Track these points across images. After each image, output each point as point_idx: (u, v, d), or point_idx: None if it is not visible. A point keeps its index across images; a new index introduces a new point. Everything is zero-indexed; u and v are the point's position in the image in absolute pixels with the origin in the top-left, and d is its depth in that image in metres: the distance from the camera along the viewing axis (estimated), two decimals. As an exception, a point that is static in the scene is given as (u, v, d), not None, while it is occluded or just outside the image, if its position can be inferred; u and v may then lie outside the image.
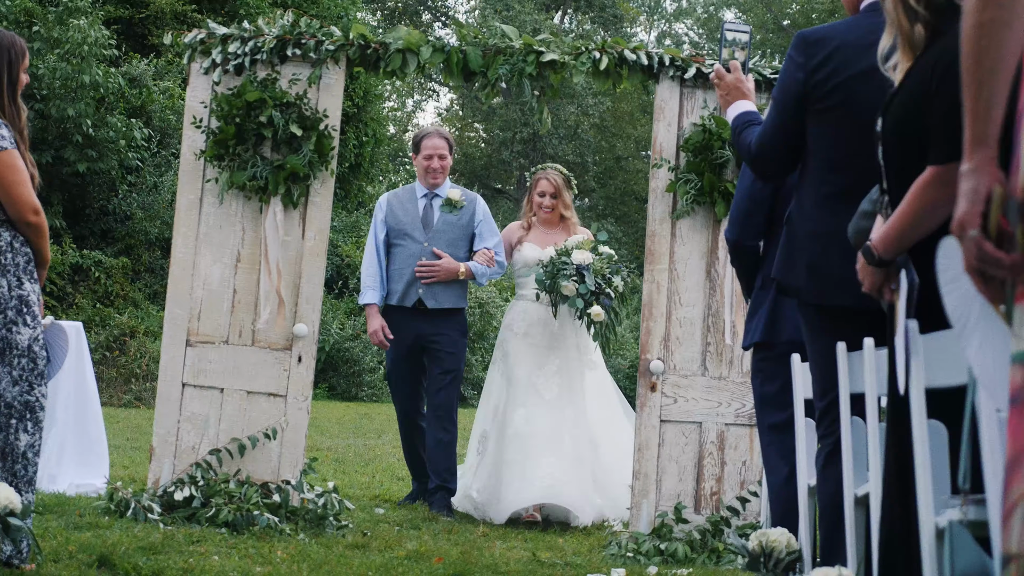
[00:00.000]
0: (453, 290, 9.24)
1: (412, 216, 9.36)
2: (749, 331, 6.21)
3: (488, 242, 9.40)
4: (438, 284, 9.18)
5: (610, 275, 9.01)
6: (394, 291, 9.30)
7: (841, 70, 4.83)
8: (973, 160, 2.90)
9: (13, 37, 6.19)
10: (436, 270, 9.13)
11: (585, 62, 8.19)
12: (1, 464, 5.93)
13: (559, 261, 9.02)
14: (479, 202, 9.61)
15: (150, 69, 22.84)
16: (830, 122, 4.86)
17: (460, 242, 9.36)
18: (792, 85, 4.93)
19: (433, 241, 9.25)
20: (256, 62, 8.26)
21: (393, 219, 9.40)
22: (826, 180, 4.87)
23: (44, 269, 6.26)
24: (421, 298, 9.16)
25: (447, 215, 9.36)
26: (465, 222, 9.41)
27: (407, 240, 9.28)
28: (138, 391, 18.93)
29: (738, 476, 8.02)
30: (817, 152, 4.91)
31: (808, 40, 4.94)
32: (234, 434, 8.11)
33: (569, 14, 47.49)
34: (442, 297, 9.20)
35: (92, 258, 20.92)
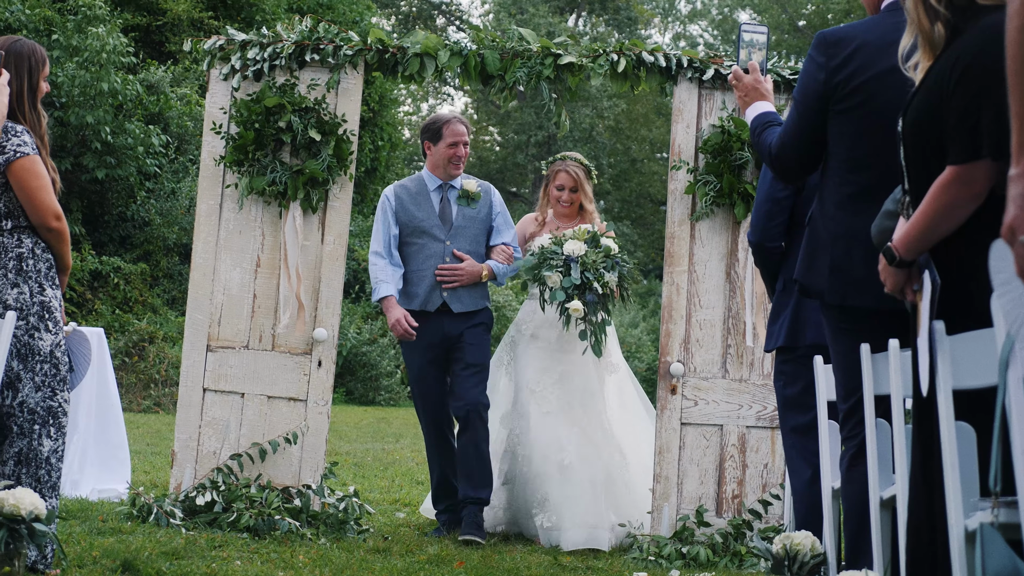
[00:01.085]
0: (478, 290, 8.49)
1: (428, 212, 8.48)
2: (772, 334, 6.18)
3: (506, 236, 8.67)
4: (461, 287, 8.42)
5: (604, 270, 8.29)
6: (413, 294, 8.40)
7: (862, 70, 4.82)
8: (1021, 164, 2.89)
9: (33, 46, 6.21)
10: (460, 274, 8.36)
11: (603, 64, 8.19)
12: (25, 470, 5.95)
13: (549, 250, 8.40)
14: (494, 192, 8.82)
15: (168, 76, 22.90)
16: (851, 122, 4.85)
17: (480, 237, 8.58)
18: (813, 85, 4.92)
19: (454, 239, 8.45)
20: (275, 68, 8.27)
21: (406, 215, 8.48)
22: (847, 180, 4.86)
23: (65, 275, 6.28)
24: (446, 301, 8.36)
25: (465, 208, 8.55)
26: (484, 215, 8.61)
27: (425, 238, 8.43)
28: (157, 396, 18.97)
29: (760, 479, 8.01)
30: (838, 152, 4.90)
31: (829, 40, 4.93)
32: (255, 439, 8.12)
33: (583, 16, 47.48)
34: (467, 299, 8.43)
35: (111, 264, 20.97)
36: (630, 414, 9.02)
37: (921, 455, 3.88)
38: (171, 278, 22.42)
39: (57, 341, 6.07)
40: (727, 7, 47.36)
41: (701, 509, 7.92)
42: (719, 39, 45.94)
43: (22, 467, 5.94)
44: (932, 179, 3.86)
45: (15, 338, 5.92)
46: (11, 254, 6.00)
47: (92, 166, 20.52)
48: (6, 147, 5.96)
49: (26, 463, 5.95)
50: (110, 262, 21.00)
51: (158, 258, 22.27)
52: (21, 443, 5.95)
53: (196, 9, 24.76)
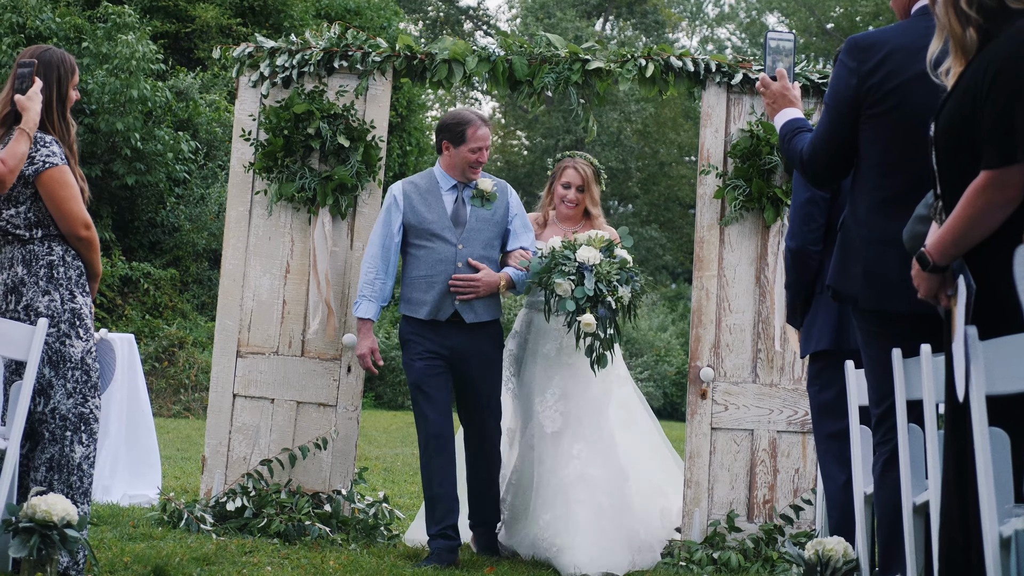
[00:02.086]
0: (493, 299, 7.83)
1: (439, 212, 7.79)
2: (810, 338, 6.13)
3: (524, 240, 7.97)
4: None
5: (617, 283, 7.64)
6: (420, 302, 7.72)
7: (895, 74, 4.81)
8: None
9: (63, 55, 6.24)
10: (476, 285, 7.66)
11: (631, 69, 8.18)
12: (57, 476, 5.97)
13: (560, 254, 7.67)
14: (510, 192, 8.07)
15: (196, 82, 22.97)
16: (884, 126, 4.84)
17: (495, 241, 7.88)
18: (845, 90, 4.90)
19: (467, 242, 7.75)
20: (303, 74, 8.29)
21: (415, 215, 7.80)
22: (880, 185, 4.84)
23: (96, 282, 6.30)
24: (458, 311, 7.69)
25: (479, 210, 7.84)
26: (499, 217, 7.91)
27: (435, 241, 7.75)
28: (187, 402, 19.02)
29: (791, 484, 7.98)
30: (870, 157, 4.88)
31: (860, 45, 4.91)
32: (285, 444, 8.13)
33: (611, 21, 47.46)
34: (481, 310, 7.76)
35: (141, 270, 21.04)
36: (635, 431, 8.44)
37: (954, 461, 3.86)
38: (200, 284, 22.48)
39: (88, 348, 6.10)
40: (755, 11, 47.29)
41: (732, 514, 7.89)
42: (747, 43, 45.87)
43: (54, 473, 5.97)
44: (965, 184, 3.84)
45: (46, 345, 5.94)
46: (42, 262, 6.03)
47: (122, 172, 20.60)
48: (35, 157, 5.99)
49: (58, 469, 5.97)
50: (140, 268, 21.07)
51: (187, 264, 22.33)
52: (53, 449, 5.98)
53: (225, 16, 24.83)
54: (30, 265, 6.03)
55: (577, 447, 7.81)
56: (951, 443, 3.90)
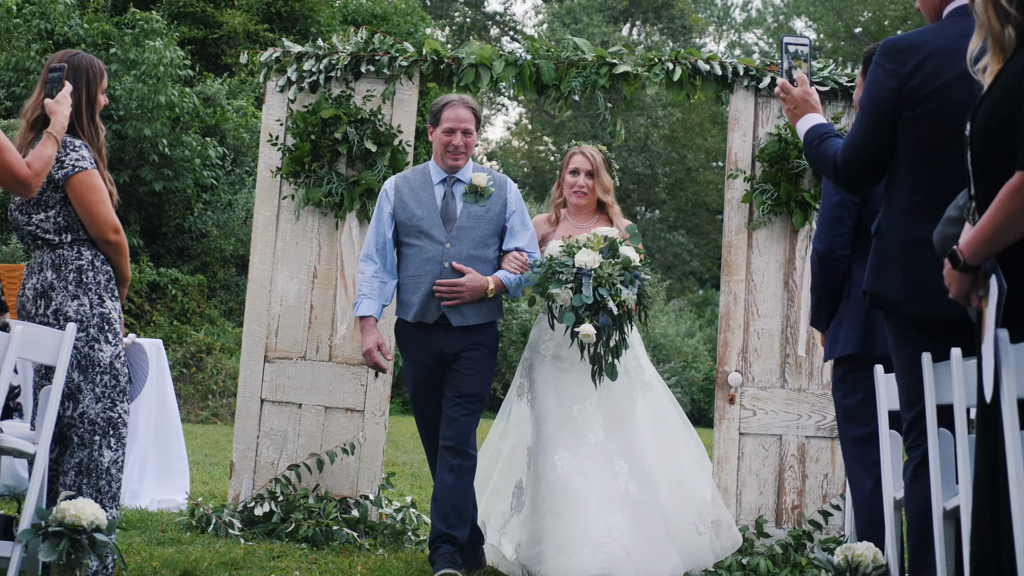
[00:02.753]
0: (487, 302, 7.30)
1: (428, 208, 7.30)
2: (836, 343, 6.10)
3: (521, 240, 7.43)
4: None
5: (621, 286, 7.15)
6: (407, 303, 7.29)
7: (936, 76, 4.77)
8: None
9: (91, 59, 6.26)
10: (460, 291, 7.16)
11: (658, 73, 8.16)
12: (86, 480, 5.98)
13: (558, 261, 7.21)
14: (510, 187, 7.52)
15: (224, 88, 23.03)
16: (924, 128, 4.80)
17: (489, 240, 7.34)
18: (884, 93, 4.86)
19: (456, 240, 7.24)
20: (331, 79, 8.30)
21: (404, 211, 7.33)
22: (919, 188, 4.80)
23: (125, 287, 6.31)
24: (445, 313, 7.21)
25: (471, 206, 7.32)
26: (495, 214, 7.37)
27: (423, 239, 7.26)
28: (215, 407, 19.06)
29: (820, 489, 7.95)
30: (909, 159, 4.84)
31: (898, 47, 4.87)
32: (312, 449, 8.14)
33: (638, 26, 47.44)
34: (470, 313, 7.25)
35: (169, 276, 21.11)
36: (665, 438, 7.81)
37: (985, 465, 3.84)
38: (228, 289, 22.53)
39: (117, 352, 6.11)
40: (782, 15, 47.21)
41: (760, 520, 7.86)
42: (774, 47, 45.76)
43: (83, 477, 5.98)
44: (1000, 184, 3.81)
45: (75, 350, 5.96)
46: (71, 266, 6.04)
47: (150, 178, 20.67)
48: (64, 162, 6.00)
49: (87, 473, 5.98)
50: (168, 274, 21.13)
51: (215, 269, 22.38)
52: (82, 454, 5.99)
53: (252, 22, 24.90)
54: (59, 269, 6.04)
55: (618, 459, 7.37)
56: (982, 447, 3.87)
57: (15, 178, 5.46)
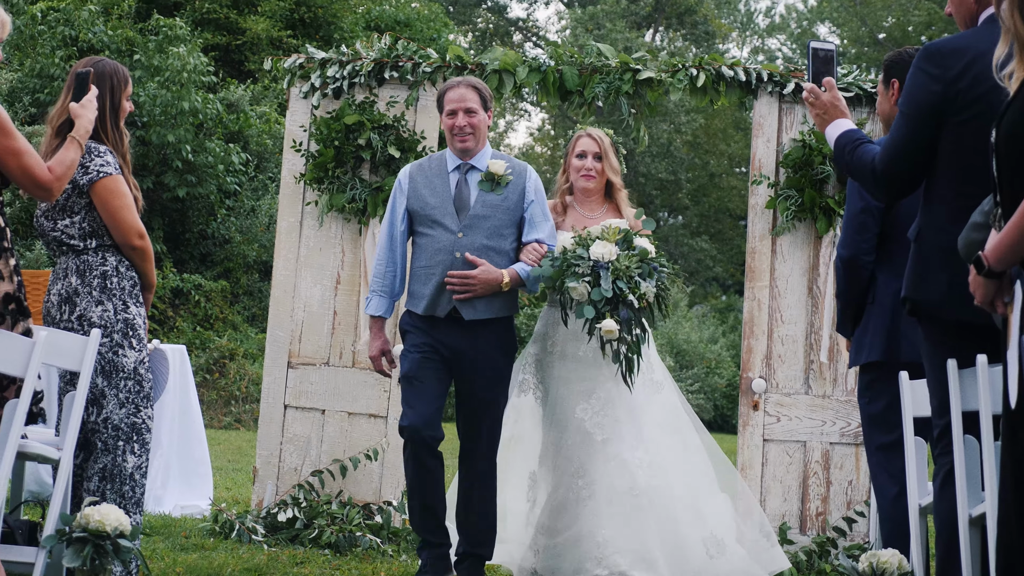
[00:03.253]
0: (500, 295, 6.92)
1: (442, 196, 6.96)
2: (862, 349, 6.07)
3: (540, 231, 7.05)
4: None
5: (640, 278, 6.84)
6: (419, 295, 6.91)
7: (981, 80, 4.73)
8: None
9: (116, 66, 6.27)
10: (471, 283, 6.78)
11: (682, 79, 8.16)
12: (110, 486, 5.99)
13: (572, 254, 6.87)
14: (530, 175, 7.11)
15: (247, 94, 23.09)
16: (970, 133, 4.76)
17: (505, 230, 6.96)
18: (928, 97, 4.81)
19: (469, 230, 6.88)
20: (354, 85, 8.31)
21: (417, 200, 6.99)
22: (963, 192, 4.75)
23: (150, 293, 6.32)
24: (456, 308, 6.85)
25: (487, 194, 6.95)
26: (512, 203, 6.99)
27: (436, 228, 6.91)
28: (238, 413, 19.09)
29: (844, 496, 7.92)
30: (952, 164, 4.79)
31: (942, 52, 4.82)
32: (336, 455, 8.14)
33: (661, 31, 47.41)
34: (483, 307, 6.88)
35: (192, 282, 21.15)
36: (677, 439, 7.49)
37: (1011, 472, 3.81)
38: (251, 295, 22.57)
39: (141, 358, 6.12)
40: (806, 21, 47.12)
41: (784, 527, 7.84)
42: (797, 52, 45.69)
43: (106, 483, 5.99)
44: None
45: (99, 355, 5.97)
46: (95, 272, 6.05)
47: (173, 184, 20.72)
48: (89, 167, 6.01)
49: (110, 479, 5.99)
50: (191, 279, 21.18)
51: (238, 275, 22.42)
52: (105, 459, 6.00)
53: (275, 28, 24.95)
54: (84, 275, 6.06)
55: (634, 456, 7.11)
56: (1008, 453, 3.85)
57: (36, 182, 5.47)
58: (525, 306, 24.99)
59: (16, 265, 5.46)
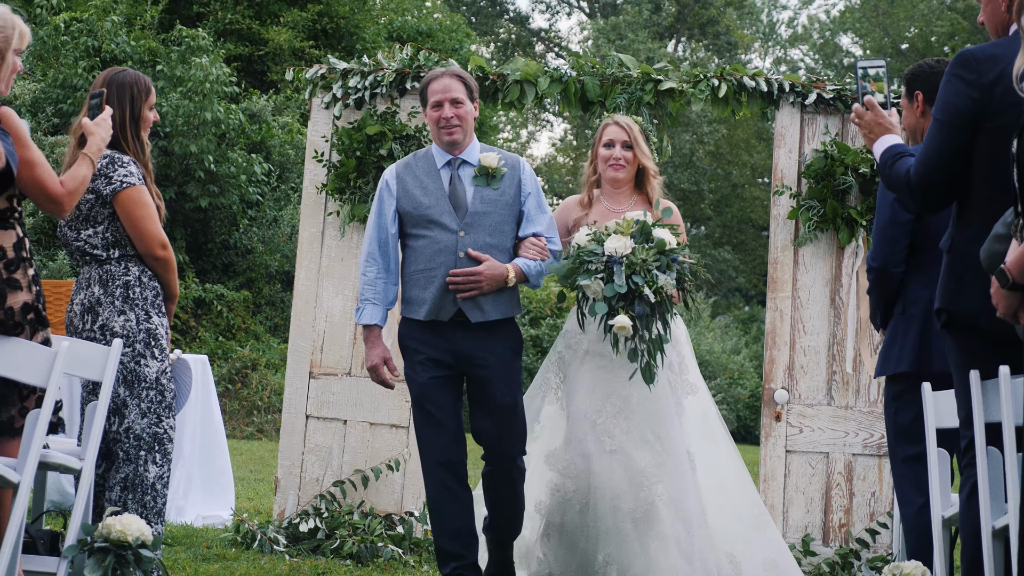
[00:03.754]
0: (506, 294, 6.58)
1: (436, 194, 6.59)
2: (890, 359, 6.04)
3: (538, 224, 6.70)
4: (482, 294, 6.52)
5: (657, 271, 6.47)
6: (418, 300, 6.53)
7: (1014, 89, 4.70)
8: None
9: (136, 76, 6.29)
10: (477, 280, 6.44)
11: (704, 90, 8.15)
12: (131, 496, 6.00)
13: (586, 250, 6.56)
14: (524, 168, 6.76)
15: (269, 105, 23.12)
16: (1001, 141, 4.72)
17: (504, 227, 6.62)
18: (965, 103, 4.76)
19: (470, 228, 6.53)
20: (376, 96, 8.32)
21: (409, 200, 6.60)
22: (996, 200, 4.71)
23: (173, 303, 6.33)
24: (462, 310, 6.48)
25: (483, 189, 6.59)
26: (510, 198, 6.65)
27: (434, 229, 6.54)
28: (260, 423, 19.11)
29: (867, 507, 7.89)
30: (985, 173, 4.74)
31: (977, 58, 4.79)
32: (357, 465, 8.14)
33: (683, 42, 47.38)
34: (490, 307, 6.53)
35: (214, 292, 21.18)
36: (716, 447, 7.19)
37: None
38: (273, 305, 22.59)
39: (163, 368, 6.13)
40: (828, 31, 47.04)
41: (807, 538, 7.82)
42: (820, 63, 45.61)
43: (128, 493, 6.00)
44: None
45: (121, 365, 5.98)
46: (118, 282, 6.07)
47: (195, 195, 20.76)
48: (112, 177, 6.04)
49: (132, 489, 6.00)
50: (213, 290, 21.21)
51: (260, 285, 22.45)
52: (127, 469, 6.01)
53: (298, 39, 24.99)
54: (106, 285, 6.07)
55: (648, 469, 6.72)
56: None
57: (47, 195, 5.47)
58: (547, 316, 25.00)
59: (35, 275, 5.47)
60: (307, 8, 25.34)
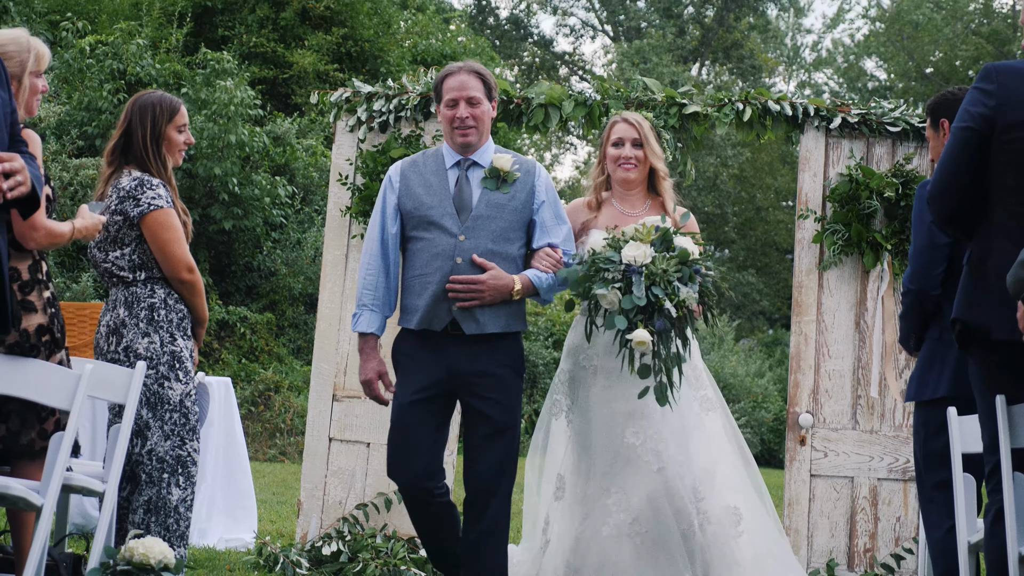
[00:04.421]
0: (508, 307, 6.12)
1: (439, 194, 6.15)
2: (927, 384, 5.99)
3: (555, 235, 6.25)
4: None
5: (679, 283, 5.96)
6: (411, 308, 6.12)
7: None
8: None
9: (161, 97, 6.32)
10: (479, 289, 5.98)
11: (728, 113, 8.13)
12: (154, 518, 6.00)
13: (602, 257, 6.01)
14: (540, 173, 6.31)
15: (293, 127, 23.17)
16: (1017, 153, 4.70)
17: (511, 233, 6.16)
18: (980, 111, 4.73)
19: (471, 232, 6.07)
20: (400, 119, 8.33)
21: (411, 199, 6.18)
22: (1017, 214, 4.70)
23: (202, 328, 6.34)
24: (456, 319, 6.03)
25: (491, 192, 6.14)
26: (519, 203, 6.18)
27: (433, 231, 6.09)
28: (283, 445, 19.10)
29: (892, 532, 7.85)
30: (1006, 184, 4.72)
31: (999, 70, 4.76)
32: (380, 488, 8.12)
33: (707, 66, 47.41)
34: (487, 318, 6.05)
35: (237, 314, 21.20)
36: (738, 477, 6.71)
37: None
38: (297, 328, 22.60)
39: (187, 391, 6.13)
40: (852, 55, 47.02)
41: (832, 563, 7.78)
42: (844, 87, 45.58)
43: (151, 515, 6.00)
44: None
45: (145, 387, 6.00)
46: (143, 304, 6.09)
47: (219, 217, 20.80)
48: (141, 199, 6.06)
49: (155, 511, 6.00)
50: (237, 312, 21.24)
51: (284, 308, 22.47)
52: (150, 491, 6.01)
53: (322, 62, 25.06)
54: (131, 307, 6.09)
55: (688, 485, 6.37)
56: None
57: (30, 222, 5.39)
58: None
59: (50, 297, 5.48)
60: (332, 31, 25.41)
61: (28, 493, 5.01)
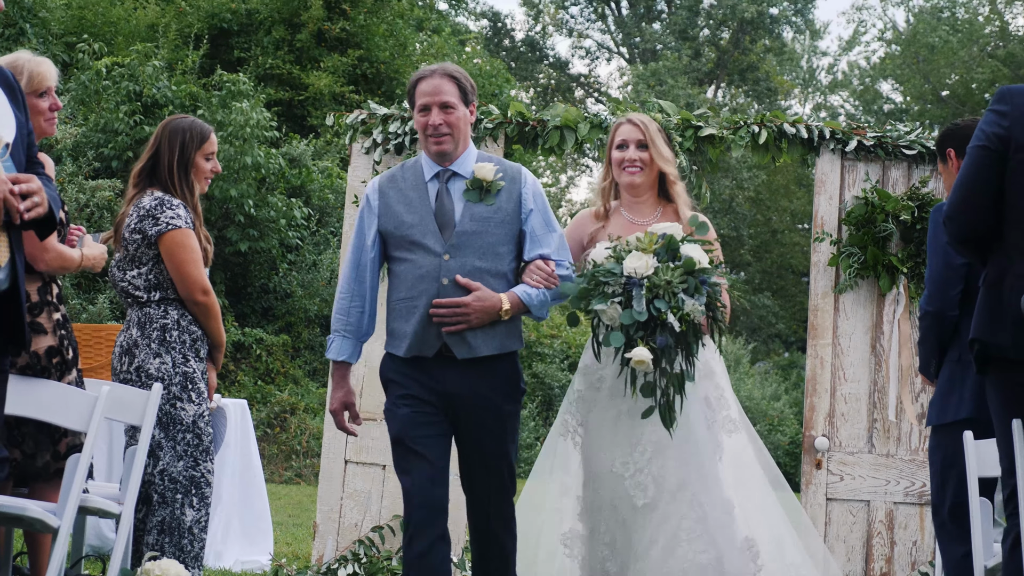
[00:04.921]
0: (502, 327, 5.67)
1: (420, 211, 5.69)
2: (949, 407, 5.96)
3: (546, 245, 5.76)
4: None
5: (684, 295, 5.49)
6: (398, 334, 5.72)
7: None
8: None
9: (192, 123, 6.35)
10: (463, 312, 5.55)
11: (744, 136, 8.14)
12: (168, 539, 6.00)
13: (603, 269, 5.57)
14: (526, 179, 5.80)
15: (309, 149, 23.21)
16: None
17: (500, 248, 5.69)
18: (994, 131, 4.73)
19: (456, 250, 5.63)
20: (416, 141, 8.33)
21: (391, 218, 5.74)
22: None
23: (219, 352, 6.34)
24: (447, 344, 5.61)
25: (475, 205, 5.67)
26: (506, 215, 5.71)
27: (416, 252, 5.65)
28: (299, 467, 19.10)
29: (909, 556, 7.82)
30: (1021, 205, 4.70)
31: (1013, 92, 4.75)
32: (396, 511, 8.11)
33: (722, 88, 47.43)
34: (480, 342, 5.62)
35: (253, 336, 21.23)
36: (752, 493, 6.24)
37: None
38: (312, 350, 22.61)
39: (200, 412, 6.14)
40: (868, 78, 47.02)
41: (848, 587, 7.76)
42: (860, 110, 45.58)
43: (165, 536, 6.00)
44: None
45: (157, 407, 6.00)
46: (155, 324, 6.10)
47: (235, 239, 20.84)
48: (160, 219, 6.08)
49: (169, 533, 6.00)
50: (252, 334, 21.26)
51: (299, 329, 22.49)
52: (164, 512, 6.01)
53: (338, 84, 25.12)
54: (144, 327, 6.10)
55: (682, 524, 5.87)
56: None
57: (41, 244, 5.46)
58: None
59: (60, 319, 5.50)
60: (347, 53, 25.47)
61: (45, 515, 5.02)
